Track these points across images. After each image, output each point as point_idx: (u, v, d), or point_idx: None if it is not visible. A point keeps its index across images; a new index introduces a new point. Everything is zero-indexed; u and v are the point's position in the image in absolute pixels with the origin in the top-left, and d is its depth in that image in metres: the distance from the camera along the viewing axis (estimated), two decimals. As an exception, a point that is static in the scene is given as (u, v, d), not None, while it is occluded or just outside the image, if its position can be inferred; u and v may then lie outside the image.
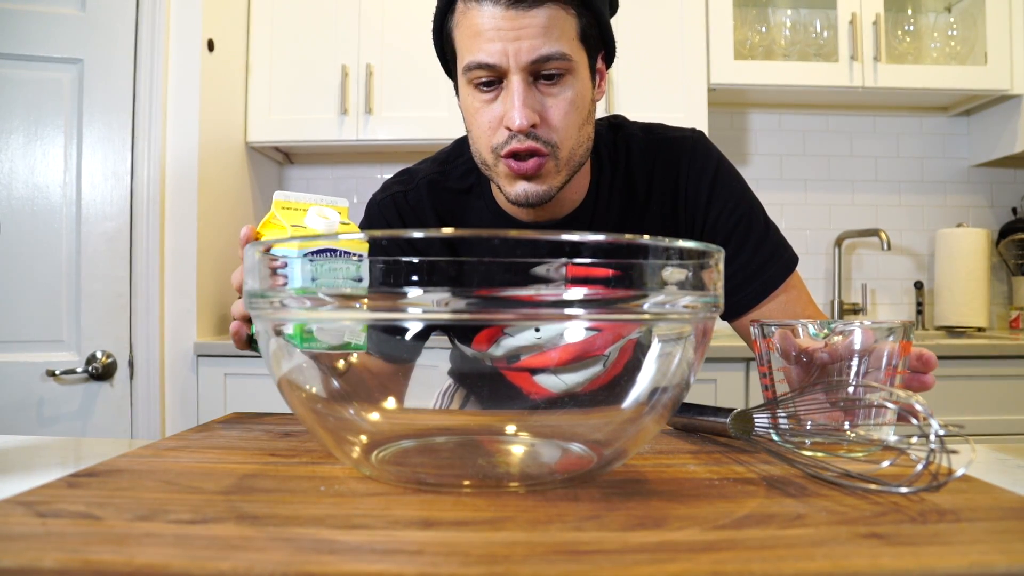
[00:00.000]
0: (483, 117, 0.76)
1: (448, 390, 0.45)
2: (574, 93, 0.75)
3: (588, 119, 0.79)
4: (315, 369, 0.43)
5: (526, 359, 0.40)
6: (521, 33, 0.71)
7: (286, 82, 1.96)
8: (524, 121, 0.72)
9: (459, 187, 0.90)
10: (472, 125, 0.79)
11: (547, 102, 0.74)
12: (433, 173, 0.92)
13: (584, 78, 0.77)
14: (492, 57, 0.72)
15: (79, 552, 0.29)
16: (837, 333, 0.51)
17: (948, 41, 2.12)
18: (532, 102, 0.73)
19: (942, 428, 0.37)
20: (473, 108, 0.77)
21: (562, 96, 0.75)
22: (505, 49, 0.72)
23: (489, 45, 0.72)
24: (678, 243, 0.38)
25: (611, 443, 0.42)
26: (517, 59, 0.72)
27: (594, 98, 0.81)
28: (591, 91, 0.79)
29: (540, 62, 0.72)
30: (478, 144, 0.79)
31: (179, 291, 1.70)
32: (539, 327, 0.41)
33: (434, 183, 0.91)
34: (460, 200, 0.90)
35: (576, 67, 0.75)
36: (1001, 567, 0.28)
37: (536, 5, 0.71)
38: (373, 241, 0.36)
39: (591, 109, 0.79)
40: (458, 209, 0.90)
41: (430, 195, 0.91)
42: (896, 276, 2.28)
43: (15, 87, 1.59)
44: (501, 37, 0.71)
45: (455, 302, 0.34)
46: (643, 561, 0.29)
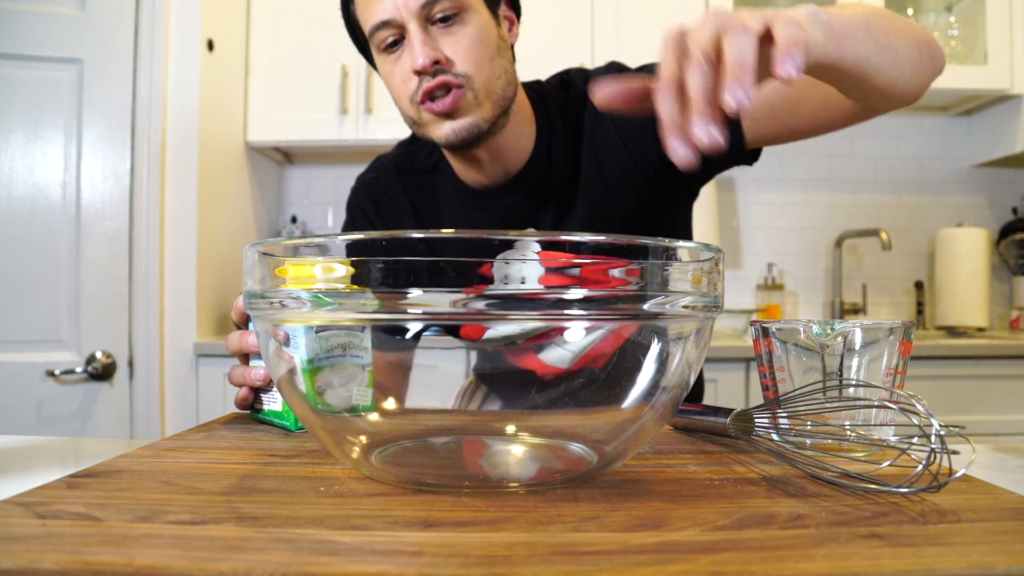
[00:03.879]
0: (396, 76, 0.79)
1: (469, 388, 0.44)
2: (473, 28, 0.77)
3: (499, 54, 0.80)
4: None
5: (525, 341, 0.40)
6: None
7: (286, 82, 1.96)
8: (424, 59, 0.74)
9: (424, 166, 0.92)
10: (391, 89, 0.81)
11: (447, 40, 0.77)
12: (399, 155, 0.95)
13: (483, 15, 0.79)
14: (386, 13, 0.76)
15: (79, 553, 0.29)
16: (838, 333, 0.51)
17: (948, 41, 2.12)
18: (431, 42, 0.76)
19: (942, 428, 0.37)
20: (387, 72, 0.80)
21: (462, 32, 0.77)
22: (395, 3, 0.75)
23: (379, 4, 0.76)
24: (678, 243, 0.38)
25: (611, 443, 0.42)
26: (407, 8, 0.75)
27: (503, 36, 0.82)
28: (495, 28, 0.81)
29: (429, 5, 0.75)
30: (401, 104, 0.81)
31: (179, 291, 1.70)
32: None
33: (400, 165, 0.94)
34: (427, 179, 0.92)
35: (469, 4, 0.77)
36: (1001, 568, 0.28)
37: None
38: (371, 242, 0.36)
39: (500, 45, 0.81)
40: (427, 188, 0.92)
41: (398, 177, 0.94)
42: (896, 276, 2.28)
43: (15, 87, 1.59)
44: None
45: (456, 302, 0.34)
46: (643, 562, 0.29)
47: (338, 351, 0.45)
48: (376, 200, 0.94)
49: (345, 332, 0.46)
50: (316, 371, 0.44)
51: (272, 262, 0.39)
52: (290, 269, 0.38)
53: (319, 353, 0.44)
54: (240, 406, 0.63)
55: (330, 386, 0.43)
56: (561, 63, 2.03)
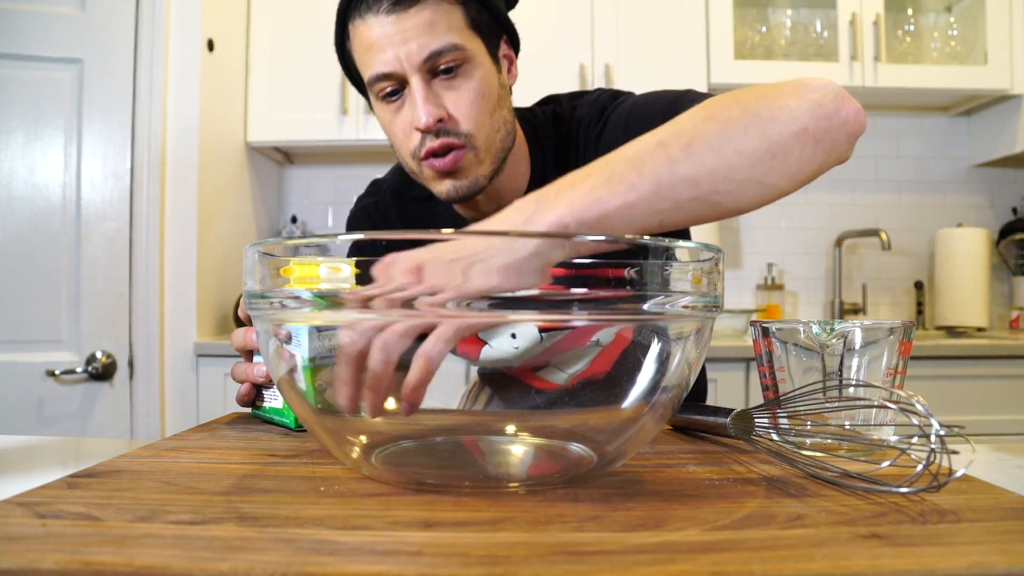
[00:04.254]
0: (396, 127, 0.77)
1: (473, 390, 0.44)
2: (476, 81, 0.76)
3: (500, 104, 0.79)
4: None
5: (522, 363, 0.40)
6: (408, 35, 0.72)
7: (286, 82, 1.96)
8: (428, 118, 0.73)
9: (420, 195, 0.91)
10: (390, 137, 0.80)
11: (450, 96, 0.75)
12: (396, 183, 0.94)
13: (485, 64, 0.77)
14: (387, 66, 0.73)
15: (79, 553, 0.29)
16: (838, 333, 0.51)
17: (948, 41, 2.12)
18: (434, 99, 0.74)
19: (942, 428, 0.37)
20: (386, 121, 0.79)
21: (464, 87, 0.75)
22: (397, 55, 0.72)
23: (381, 55, 0.73)
24: (678, 243, 0.38)
25: (611, 443, 0.42)
26: (410, 61, 0.72)
27: (503, 83, 0.81)
28: (496, 76, 0.79)
29: (433, 58, 0.73)
30: (401, 154, 0.80)
31: (179, 291, 1.70)
32: (515, 334, 0.41)
33: (397, 193, 0.93)
34: (423, 208, 0.91)
35: (472, 56, 0.75)
36: (1001, 568, 0.28)
37: (413, 5, 0.72)
38: (373, 243, 0.36)
39: (501, 94, 0.79)
40: (423, 217, 0.92)
41: (395, 205, 0.93)
42: (896, 276, 2.28)
43: (15, 87, 1.59)
44: (390, 43, 0.72)
45: (457, 302, 0.34)
46: (643, 562, 0.29)
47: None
48: (376, 225, 0.94)
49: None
50: (317, 370, 0.44)
51: (273, 262, 0.39)
52: (295, 269, 0.38)
53: (320, 352, 0.44)
54: (241, 402, 0.63)
55: (331, 386, 0.43)
56: (561, 63, 2.03)
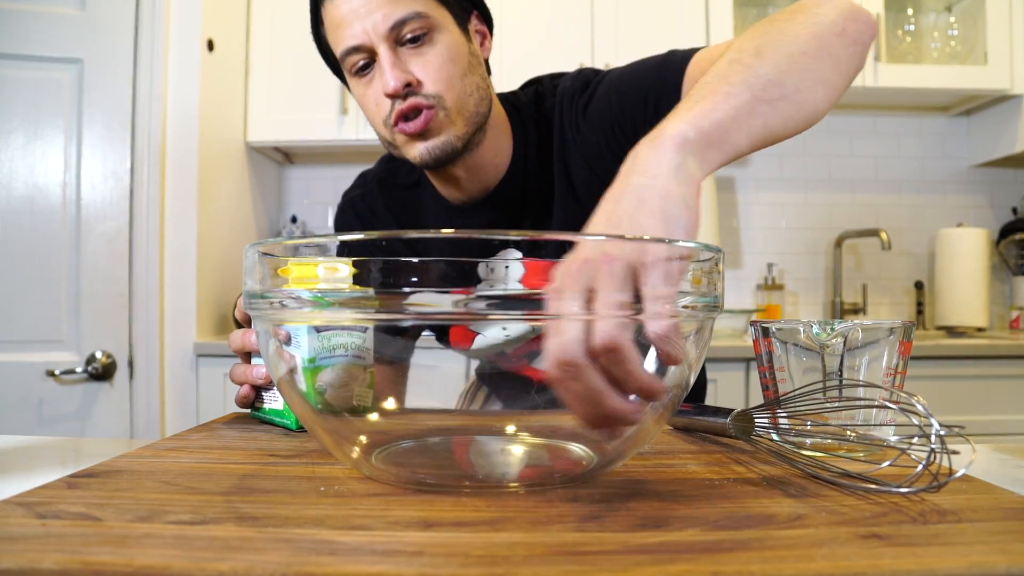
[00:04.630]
0: (369, 99, 0.79)
1: (469, 390, 0.44)
2: (443, 47, 0.77)
3: (471, 70, 0.79)
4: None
5: (515, 350, 0.40)
6: (371, 7, 0.74)
7: (286, 82, 1.96)
8: (395, 82, 0.74)
9: (407, 182, 0.92)
10: (365, 111, 0.81)
11: (417, 62, 0.76)
12: (382, 171, 0.95)
13: (453, 32, 0.78)
14: (355, 39, 0.75)
15: (79, 553, 0.29)
16: (838, 333, 0.51)
17: (948, 41, 2.12)
18: (400, 64, 0.75)
19: (942, 428, 0.37)
20: (360, 95, 0.80)
21: (431, 52, 0.76)
22: (363, 27, 0.74)
23: (348, 29, 0.75)
24: (678, 243, 0.38)
25: (611, 443, 0.42)
26: (376, 31, 0.74)
27: (474, 52, 0.81)
28: (466, 45, 0.80)
29: (397, 27, 0.74)
30: (375, 126, 0.81)
31: (179, 291, 1.70)
32: (506, 326, 0.41)
33: (384, 181, 0.94)
34: (409, 195, 0.92)
35: (438, 23, 0.77)
36: (1001, 568, 0.28)
37: None
38: (370, 242, 0.36)
39: (471, 61, 0.80)
40: (409, 204, 0.92)
41: (381, 193, 0.93)
42: (896, 276, 2.28)
43: (15, 87, 1.59)
44: (357, 17, 0.75)
45: (457, 303, 0.34)
46: (643, 562, 0.29)
47: (340, 351, 0.45)
48: (362, 217, 0.95)
49: (347, 332, 0.46)
50: (317, 370, 0.44)
51: (272, 262, 0.39)
52: (293, 269, 0.38)
53: (320, 352, 0.44)
54: (241, 404, 0.63)
55: (331, 386, 0.43)
56: (561, 63, 2.03)
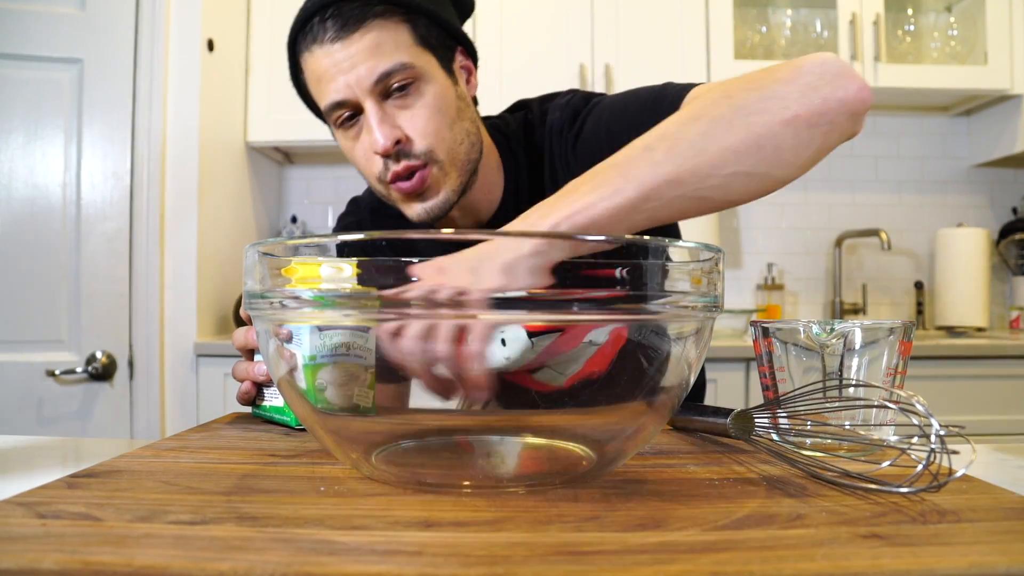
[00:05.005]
0: (358, 153, 0.77)
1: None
2: (431, 97, 0.75)
3: (460, 116, 0.78)
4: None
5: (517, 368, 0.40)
6: (355, 60, 0.72)
7: (286, 82, 1.94)
8: (385, 141, 0.73)
9: (398, 212, 0.89)
10: (355, 164, 0.80)
11: (405, 114, 0.75)
12: (373, 201, 0.94)
13: (438, 79, 0.77)
14: (339, 93, 0.73)
15: (79, 553, 0.29)
16: (838, 333, 0.51)
17: (948, 41, 2.12)
18: (388, 120, 0.74)
19: (942, 428, 0.37)
20: (347, 148, 0.79)
21: (418, 104, 0.75)
22: (347, 81, 0.73)
23: (332, 84, 0.73)
24: (678, 243, 0.38)
25: (611, 443, 0.42)
26: (360, 86, 0.72)
27: (462, 95, 0.80)
28: (452, 89, 0.78)
29: (383, 80, 0.72)
30: (368, 179, 0.80)
31: (179, 291, 1.70)
32: (505, 341, 0.41)
33: (376, 211, 0.93)
34: (401, 222, 0.90)
35: (423, 72, 0.75)
36: (1001, 568, 0.28)
37: (357, 29, 0.72)
38: (370, 243, 0.36)
39: (459, 106, 0.79)
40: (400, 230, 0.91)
41: (374, 222, 0.93)
42: (896, 276, 2.28)
43: (15, 87, 1.59)
44: (339, 71, 0.73)
45: (459, 302, 0.34)
46: (643, 562, 0.29)
47: (341, 350, 0.45)
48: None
49: (348, 332, 0.46)
50: (317, 368, 0.44)
51: (272, 262, 0.39)
52: (297, 269, 0.38)
53: (321, 351, 0.44)
54: (242, 401, 0.63)
55: (331, 385, 0.43)
56: (561, 63, 2.03)
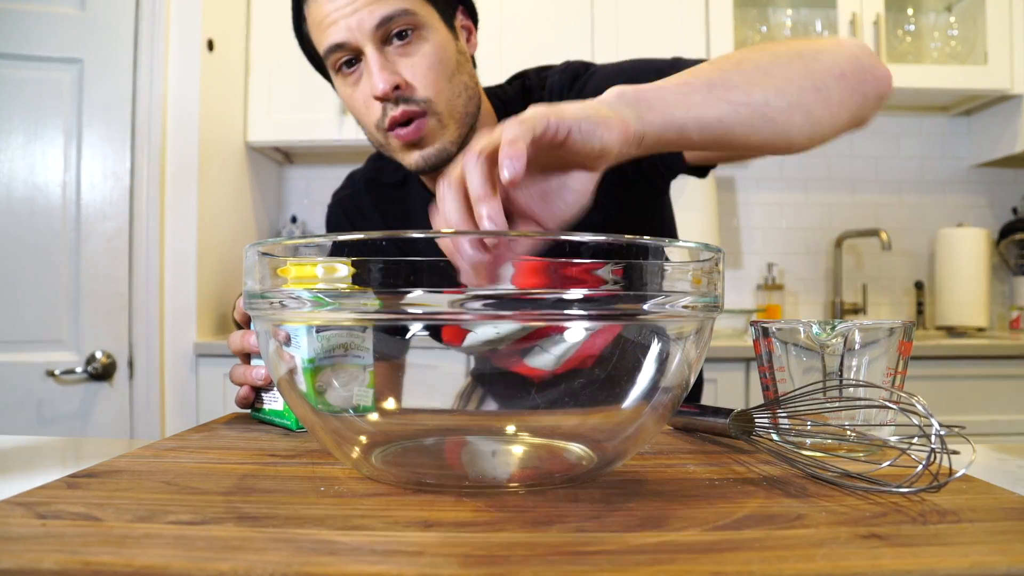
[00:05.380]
0: (357, 99, 0.77)
1: (466, 390, 0.44)
2: (431, 46, 0.75)
3: (459, 69, 0.78)
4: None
5: (508, 346, 0.40)
6: (356, 5, 0.73)
7: (286, 82, 1.96)
8: (384, 85, 0.73)
9: (393, 180, 0.91)
10: (353, 111, 0.80)
11: (405, 62, 0.75)
12: (369, 171, 0.94)
13: (439, 30, 0.77)
14: (339, 35, 0.73)
15: (79, 553, 0.29)
16: (838, 333, 0.51)
17: (948, 41, 2.12)
18: (389, 66, 0.74)
19: (942, 428, 0.37)
20: (347, 95, 0.79)
21: (419, 52, 0.75)
22: (348, 24, 0.73)
23: (332, 27, 0.74)
24: (678, 243, 0.38)
25: (611, 443, 0.42)
26: (361, 29, 0.73)
27: (462, 50, 0.80)
28: (453, 43, 0.79)
29: (384, 24, 0.73)
30: (366, 127, 0.79)
31: (179, 291, 1.70)
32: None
33: (371, 181, 0.93)
34: (396, 193, 0.92)
35: (425, 21, 0.75)
36: (1002, 568, 0.28)
37: None
38: (371, 242, 0.36)
39: (459, 60, 0.79)
40: (396, 201, 0.91)
41: (368, 193, 0.93)
42: (896, 276, 2.28)
43: (15, 87, 1.59)
44: (341, 15, 0.73)
45: (455, 303, 0.34)
46: (643, 562, 0.29)
47: (339, 351, 0.45)
48: (350, 216, 0.94)
49: (346, 332, 0.46)
50: (317, 371, 0.44)
51: (272, 262, 0.39)
52: (292, 269, 0.38)
53: (320, 353, 0.44)
54: (241, 405, 0.63)
55: (331, 386, 0.43)
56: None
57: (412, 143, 0.76)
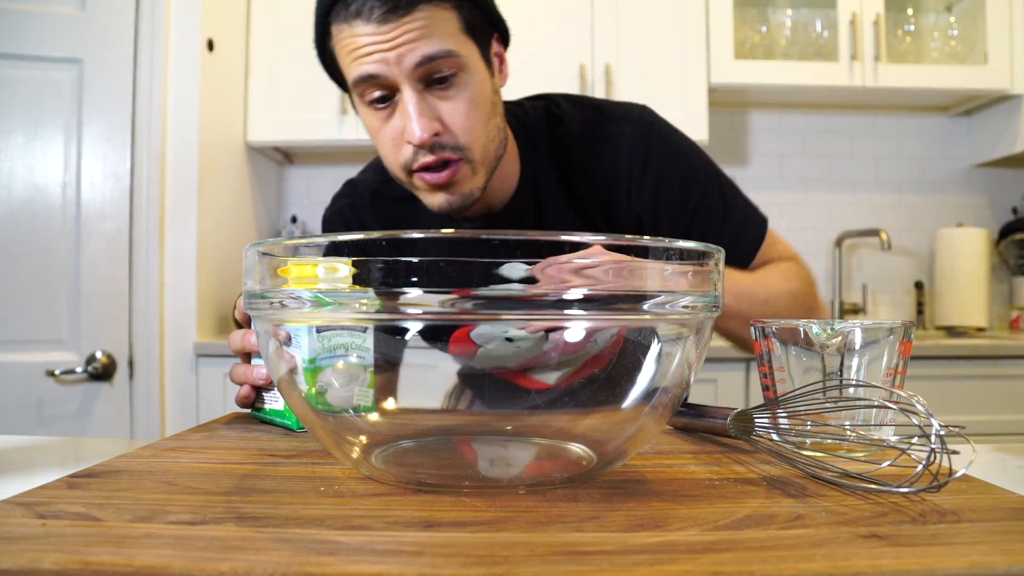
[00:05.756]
0: (385, 136, 0.74)
1: (454, 390, 0.44)
2: (472, 91, 0.72)
3: (494, 111, 0.76)
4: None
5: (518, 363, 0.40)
6: (398, 41, 0.68)
7: (286, 82, 1.96)
8: (424, 133, 0.69)
9: (400, 195, 0.87)
10: (377, 144, 0.76)
11: (445, 107, 0.71)
12: (374, 183, 0.90)
13: (480, 71, 0.74)
14: (373, 67, 0.69)
15: (79, 553, 0.29)
16: (838, 333, 0.51)
17: (948, 41, 2.12)
18: (428, 111, 0.70)
19: (942, 428, 0.37)
20: (373, 127, 0.75)
21: (460, 97, 0.71)
22: (386, 58, 0.68)
23: (367, 57, 0.69)
24: (678, 243, 0.38)
25: (611, 443, 0.42)
26: (401, 66, 0.68)
27: (496, 88, 0.78)
28: (490, 82, 0.76)
29: (426, 63, 0.69)
30: (388, 163, 0.76)
31: (179, 291, 1.70)
32: (511, 337, 0.41)
33: (376, 193, 0.90)
34: (403, 208, 0.88)
35: (467, 62, 0.72)
36: (1002, 568, 0.28)
37: (409, 11, 0.67)
38: (371, 243, 0.36)
39: (495, 100, 0.77)
40: (403, 217, 0.88)
41: (373, 205, 0.89)
42: (896, 276, 2.28)
43: (15, 87, 1.59)
44: (379, 49, 0.68)
45: (452, 303, 0.34)
46: (643, 562, 0.29)
47: (340, 351, 0.45)
48: (350, 227, 0.90)
49: (347, 332, 0.46)
50: (317, 371, 0.44)
51: (272, 262, 0.39)
52: (292, 269, 0.38)
53: (320, 353, 0.44)
54: (241, 404, 0.63)
55: (331, 386, 0.43)
56: (561, 63, 2.03)
57: (440, 186, 0.74)
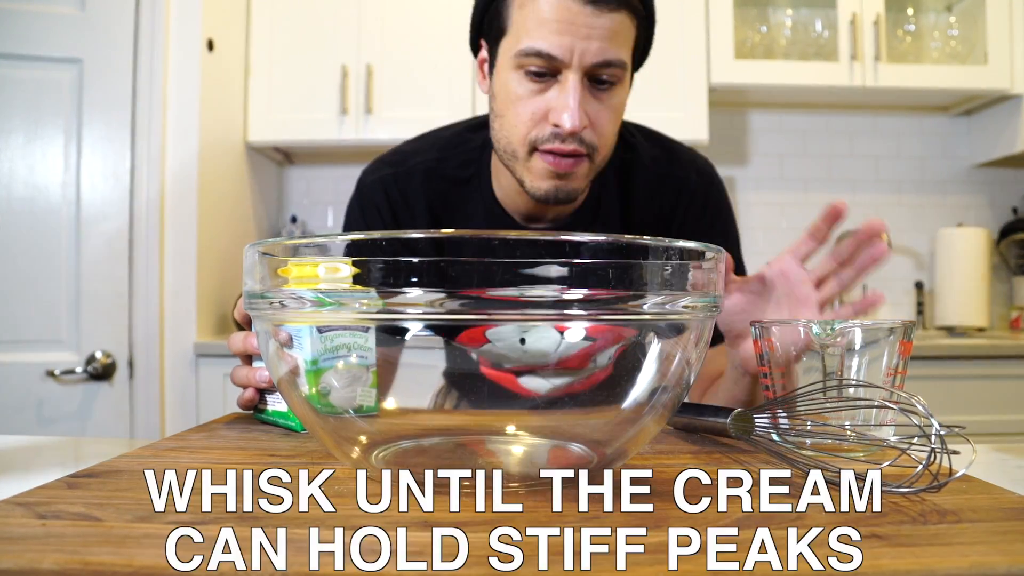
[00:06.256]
0: (525, 107, 0.73)
1: (441, 391, 0.44)
2: (618, 102, 0.75)
3: (620, 123, 0.79)
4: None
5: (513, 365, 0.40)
6: (592, 33, 0.69)
7: (286, 82, 1.96)
8: (578, 123, 0.71)
9: (457, 176, 0.87)
10: (508, 111, 0.75)
11: (597, 107, 0.73)
12: (429, 160, 0.88)
13: (627, 87, 0.77)
14: (556, 50, 0.69)
15: (78, 553, 0.29)
16: (838, 333, 0.51)
17: (948, 41, 2.12)
18: (585, 105, 0.72)
19: (942, 428, 0.37)
20: (516, 95, 0.74)
21: (609, 103, 0.74)
22: (572, 45, 0.69)
23: (556, 37, 0.69)
24: (678, 243, 0.37)
25: (611, 443, 0.42)
26: (582, 59, 0.70)
27: (625, 103, 0.80)
28: (627, 97, 0.79)
29: (601, 66, 0.71)
30: (511, 132, 0.75)
31: (179, 291, 1.70)
32: (525, 339, 0.40)
33: (431, 171, 0.87)
34: (457, 190, 0.87)
35: (625, 77, 0.75)
36: (1002, 568, 0.28)
37: (617, 8, 0.70)
38: (371, 242, 0.36)
39: (622, 115, 0.80)
40: (453, 198, 0.87)
41: (424, 183, 0.87)
42: (896, 276, 2.28)
43: (15, 87, 1.59)
44: (571, 32, 0.69)
45: (453, 303, 0.34)
46: (643, 562, 0.29)
47: (342, 351, 0.45)
48: (392, 200, 0.87)
49: (349, 332, 0.46)
50: (320, 372, 0.44)
51: (272, 262, 0.39)
52: (293, 269, 0.38)
53: (323, 354, 0.44)
54: (244, 407, 0.63)
55: (333, 387, 0.43)
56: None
57: (558, 174, 0.74)
